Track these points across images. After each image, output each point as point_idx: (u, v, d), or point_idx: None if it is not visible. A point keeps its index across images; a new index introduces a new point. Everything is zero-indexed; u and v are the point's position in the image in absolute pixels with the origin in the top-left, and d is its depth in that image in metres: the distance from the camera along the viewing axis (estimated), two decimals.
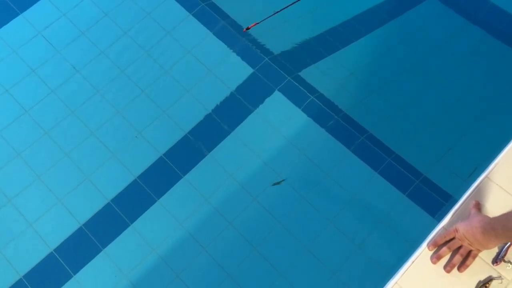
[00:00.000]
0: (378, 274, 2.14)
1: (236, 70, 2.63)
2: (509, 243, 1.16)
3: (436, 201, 2.33)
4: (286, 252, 2.24)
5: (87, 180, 2.43)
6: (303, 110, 2.54)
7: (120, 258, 2.29)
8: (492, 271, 1.16)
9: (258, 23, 1.81)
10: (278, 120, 2.54)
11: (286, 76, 2.61)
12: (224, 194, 2.39)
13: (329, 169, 2.43)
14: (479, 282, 1.14)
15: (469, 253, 1.19)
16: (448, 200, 2.31)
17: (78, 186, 2.42)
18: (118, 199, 2.40)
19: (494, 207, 1.23)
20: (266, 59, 2.64)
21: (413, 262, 1.20)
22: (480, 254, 1.19)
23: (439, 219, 1.28)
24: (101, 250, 2.31)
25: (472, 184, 1.27)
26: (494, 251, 1.18)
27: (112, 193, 2.41)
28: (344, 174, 2.41)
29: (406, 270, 1.19)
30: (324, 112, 2.55)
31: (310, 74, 2.68)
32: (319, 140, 2.49)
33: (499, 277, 1.15)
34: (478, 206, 1.23)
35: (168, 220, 2.34)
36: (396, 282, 1.16)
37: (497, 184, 1.25)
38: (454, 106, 2.68)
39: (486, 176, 1.27)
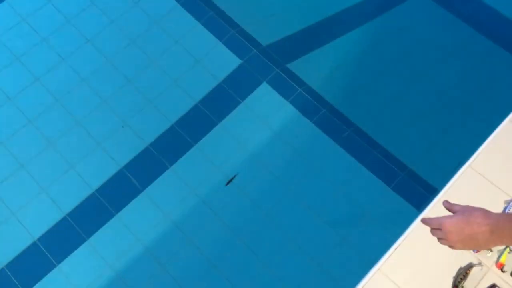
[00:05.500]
0: (362, 264, 2.15)
1: (224, 61, 2.62)
2: None
3: (421, 194, 2.35)
4: (272, 242, 2.24)
5: (72, 169, 2.41)
6: (290, 102, 2.54)
7: (105, 248, 2.27)
8: (472, 258, 1.17)
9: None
10: (266, 112, 2.53)
11: (274, 68, 2.60)
12: (211, 186, 2.38)
13: (316, 162, 2.43)
14: (460, 268, 1.15)
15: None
16: (433, 193, 2.33)
17: (63, 175, 2.40)
18: (103, 189, 2.38)
19: (476, 196, 1.24)
20: (255, 50, 2.63)
21: (395, 249, 1.21)
22: None
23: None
24: (85, 240, 2.29)
25: (455, 174, 1.28)
26: None
27: (97, 183, 2.39)
28: (331, 167, 2.42)
29: (389, 257, 1.19)
30: (311, 105, 2.55)
31: (298, 66, 2.68)
32: (306, 132, 2.49)
33: (479, 264, 1.16)
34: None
35: (154, 210, 2.33)
36: (379, 269, 1.17)
37: (479, 174, 1.27)
38: (440, 100, 2.70)
39: (469, 166, 1.29)
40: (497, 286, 1.12)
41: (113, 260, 2.24)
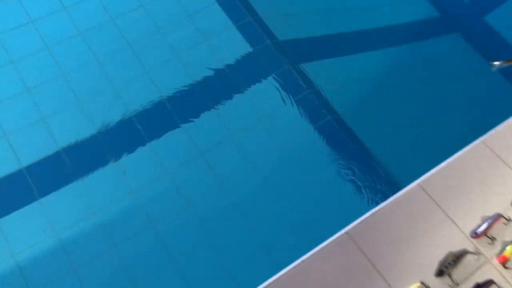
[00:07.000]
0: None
1: (234, 46, 2.43)
2: (496, 216, 0.88)
3: None
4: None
5: (43, 121, 2.19)
6: (295, 102, 2.32)
7: (96, 194, 2.04)
8: (469, 244, 0.87)
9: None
10: (266, 107, 2.31)
11: (286, 63, 2.40)
12: (190, 172, 2.13)
13: (310, 171, 2.17)
14: (450, 253, 0.85)
15: None
16: None
17: (32, 125, 2.18)
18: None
19: (487, 172, 0.96)
20: (268, 41, 2.44)
21: (371, 214, 0.92)
22: (458, 223, 0.90)
23: None
24: (36, 200, 2.03)
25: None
26: (475, 221, 0.89)
27: (66, 141, 2.15)
28: (325, 179, 2.16)
29: (359, 223, 0.91)
30: (317, 110, 2.32)
31: (311, 69, 2.47)
32: (305, 137, 2.26)
33: (476, 253, 0.86)
34: None
35: (155, 163, 2.12)
36: (346, 232, 0.88)
37: (493, 152, 0.99)
38: (458, 142, 2.43)
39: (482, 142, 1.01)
40: (495, 284, 0.81)
41: (101, 207, 2.01)
